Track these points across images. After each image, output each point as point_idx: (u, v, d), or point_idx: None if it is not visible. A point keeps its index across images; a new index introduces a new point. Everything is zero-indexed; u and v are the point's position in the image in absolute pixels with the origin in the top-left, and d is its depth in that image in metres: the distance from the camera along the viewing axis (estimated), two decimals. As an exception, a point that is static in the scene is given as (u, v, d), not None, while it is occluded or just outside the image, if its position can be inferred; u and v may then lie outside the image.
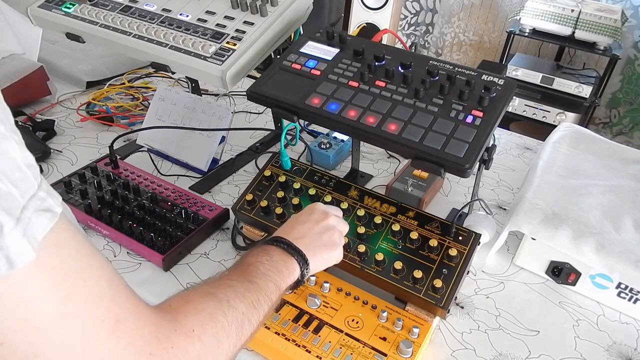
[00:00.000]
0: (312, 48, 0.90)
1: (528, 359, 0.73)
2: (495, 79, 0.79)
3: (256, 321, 0.53)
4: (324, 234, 0.67)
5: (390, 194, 0.98)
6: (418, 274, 0.72)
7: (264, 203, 0.84)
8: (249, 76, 1.08)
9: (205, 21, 0.97)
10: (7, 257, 0.32)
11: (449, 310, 0.72)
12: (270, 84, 0.85)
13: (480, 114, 0.75)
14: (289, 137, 1.15)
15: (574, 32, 2.46)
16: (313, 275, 0.77)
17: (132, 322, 0.39)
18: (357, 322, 0.71)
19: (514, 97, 2.56)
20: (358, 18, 3.15)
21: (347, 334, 0.70)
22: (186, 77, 1.26)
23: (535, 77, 2.58)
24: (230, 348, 0.48)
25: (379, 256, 0.74)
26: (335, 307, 0.73)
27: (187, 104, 1.09)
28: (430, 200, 1.01)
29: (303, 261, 0.63)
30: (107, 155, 1.04)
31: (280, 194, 0.85)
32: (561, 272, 0.84)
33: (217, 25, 0.96)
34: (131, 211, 0.90)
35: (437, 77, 0.80)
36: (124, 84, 1.39)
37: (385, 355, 0.67)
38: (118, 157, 1.04)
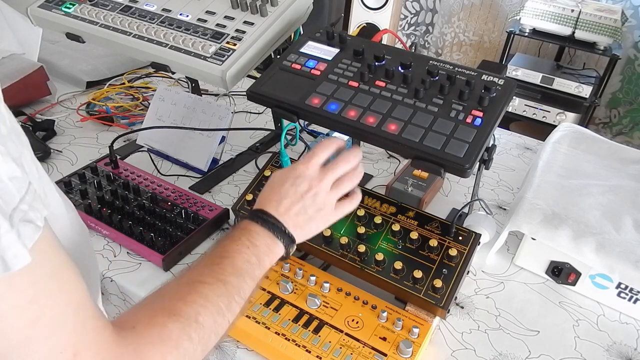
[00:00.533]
0: (312, 48, 0.90)
1: (528, 359, 0.73)
2: (495, 79, 0.79)
3: (224, 330, 0.51)
4: (311, 206, 0.60)
5: (390, 194, 0.98)
6: (418, 274, 0.72)
7: (264, 203, 0.84)
8: (249, 76, 1.08)
9: (205, 21, 0.97)
10: (2, 258, 0.31)
11: (449, 310, 0.72)
12: (270, 84, 0.85)
13: (480, 114, 0.75)
14: (289, 137, 1.15)
15: (574, 32, 2.46)
16: (313, 275, 0.77)
17: (92, 356, 0.38)
18: (357, 322, 0.71)
19: (514, 97, 2.56)
20: (358, 18, 3.15)
21: (347, 334, 0.70)
22: (186, 77, 1.26)
23: (535, 77, 2.58)
24: None
25: (379, 256, 0.74)
26: (335, 307, 0.73)
27: (187, 104, 1.09)
28: (430, 200, 1.01)
29: (289, 240, 0.59)
30: (107, 155, 1.04)
31: (280, 194, 0.85)
32: (561, 272, 0.84)
33: (217, 25, 0.96)
34: (131, 211, 0.90)
35: (437, 77, 0.80)
36: (124, 84, 1.39)
37: (385, 355, 0.67)
38: (118, 157, 1.04)
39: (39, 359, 0.35)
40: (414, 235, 0.76)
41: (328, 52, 0.88)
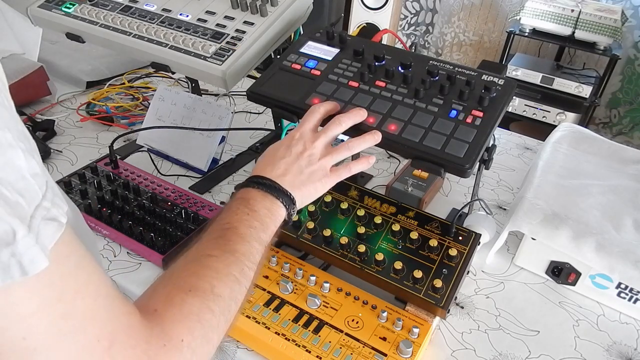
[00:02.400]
0: (312, 48, 0.90)
1: (528, 359, 0.73)
2: (495, 79, 0.79)
3: (242, 296, 0.51)
4: (307, 167, 0.61)
5: (390, 194, 0.98)
6: (418, 274, 0.72)
7: (264, 203, 0.84)
8: (249, 76, 1.08)
9: (205, 21, 0.97)
10: (20, 264, 0.31)
11: (449, 310, 0.72)
12: (270, 84, 0.85)
13: (480, 114, 0.75)
14: (289, 137, 1.14)
15: (574, 32, 2.46)
16: (313, 275, 0.77)
17: (126, 341, 0.38)
18: (357, 322, 0.71)
19: (514, 97, 2.56)
20: (358, 18, 3.15)
21: (347, 334, 0.70)
22: (186, 77, 1.26)
23: (535, 77, 2.58)
24: (219, 338, 0.47)
25: (379, 256, 0.74)
26: (335, 307, 0.73)
27: (187, 104, 1.09)
28: (430, 200, 1.01)
29: (289, 201, 0.59)
30: (107, 155, 1.04)
31: (280, 194, 0.85)
32: (561, 272, 0.84)
33: (217, 25, 0.96)
34: (131, 211, 0.90)
35: (437, 77, 0.80)
36: (124, 84, 1.39)
37: (385, 355, 0.67)
38: (118, 157, 1.04)
39: (76, 351, 0.35)
40: (414, 235, 0.76)
41: (328, 52, 0.88)
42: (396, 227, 0.78)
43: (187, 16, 0.99)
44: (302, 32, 1.01)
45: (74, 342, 0.35)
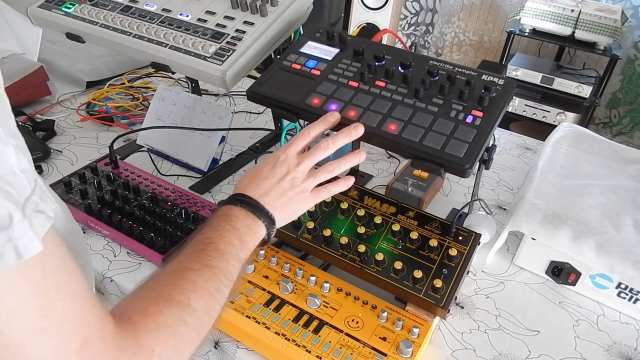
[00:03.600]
0: (312, 48, 0.90)
1: (528, 359, 0.73)
2: (495, 79, 0.79)
3: (216, 312, 0.52)
4: (290, 189, 0.63)
5: (390, 194, 0.98)
6: (418, 274, 0.72)
7: (264, 203, 0.84)
8: (249, 76, 1.08)
9: (205, 21, 0.97)
10: (15, 247, 0.32)
11: (449, 310, 0.72)
12: (270, 84, 0.85)
13: (480, 114, 0.75)
14: (289, 137, 1.14)
15: (574, 32, 2.46)
16: (313, 275, 0.77)
17: (97, 346, 0.39)
18: (357, 322, 0.71)
19: (514, 97, 2.56)
20: (358, 18, 3.15)
21: (347, 334, 0.70)
22: (186, 77, 1.26)
23: (535, 77, 2.58)
24: (190, 352, 0.48)
25: (379, 256, 0.74)
26: (335, 307, 0.73)
27: (187, 104, 1.09)
28: (430, 200, 1.01)
29: (269, 222, 0.60)
30: (107, 155, 1.04)
31: (280, 194, 0.85)
32: (561, 272, 0.84)
33: (217, 25, 0.96)
34: (131, 211, 0.90)
35: (437, 77, 0.80)
36: (124, 84, 1.39)
37: (385, 355, 0.67)
38: (118, 157, 1.04)
39: (48, 348, 0.36)
40: (414, 235, 0.76)
41: (328, 52, 0.88)
42: (396, 227, 0.78)
43: (187, 16, 0.99)
44: (302, 32, 1.01)
45: (46, 340, 0.36)
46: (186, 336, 0.47)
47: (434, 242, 0.75)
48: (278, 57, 0.91)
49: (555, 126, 1.15)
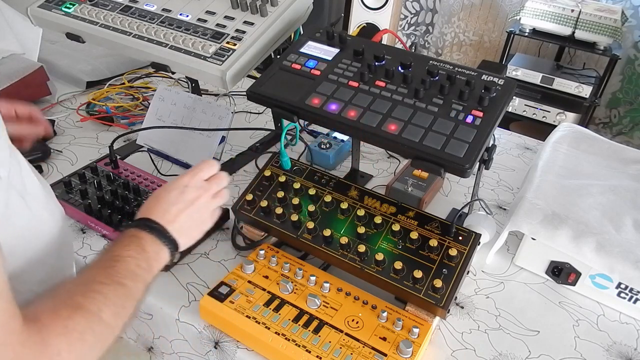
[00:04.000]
0: (312, 48, 0.90)
1: (528, 359, 0.73)
2: (495, 79, 0.79)
3: (119, 329, 0.52)
4: (196, 213, 0.65)
5: (390, 194, 0.98)
6: (418, 274, 0.72)
7: (264, 203, 0.84)
8: (249, 76, 1.08)
9: (205, 21, 0.97)
10: None
11: (449, 310, 0.72)
12: (270, 84, 0.85)
13: (480, 114, 0.75)
14: (289, 137, 1.14)
15: (574, 32, 2.46)
16: (313, 275, 0.77)
17: (0, 341, 0.39)
18: (357, 322, 0.71)
19: (514, 97, 2.56)
20: (358, 18, 3.15)
21: (347, 334, 0.70)
22: (186, 77, 1.26)
23: (535, 77, 2.58)
24: None
25: (379, 256, 0.74)
26: (335, 307, 0.73)
27: (187, 104, 1.09)
28: (430, 200, 1.01)
29: (174, 248, 0.62)
30: (107, 155, 1.04)
31: (280, 194, 0.85)
32: (561, 272, 0.84)
33: (217, 25, 0.96)
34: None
35: (437, 77, 0.80)
36: (124, 84, 1.39)
37: (385, 355, 0.67)
38: (118, 157, 1.04)
39: None
40: (414, 235, 0.76)
41: (328, 52, 0.88)
42: (396, 227, 0.78)
43: (187, 16, 0.99)
44: (302, 32, 1.01)
45: None
46: (92, 345, 0.48)
47: (434, 242, 0.75)
48: (278, 57, 0.91)
49: (555, 126, 1.15)
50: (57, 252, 0.60)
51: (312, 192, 0.84)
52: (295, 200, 0.83)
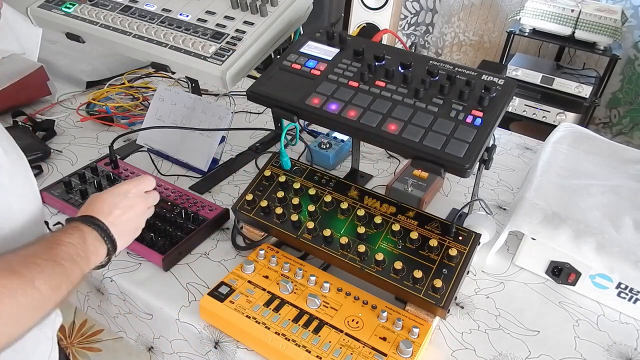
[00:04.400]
0: (312, 48, 0.90)
1: (528, 359, 0.73)
2: (495, 79, 0.79)
3: (51, 306, 0.53)
4: (133, 220, 0.67)
5: (390, 194, 0.98)
6: (418, 274, 0.72)
7: (264, 203, 0.84)
8: (249, 76, 1.08)
9: (205, 21, 0.97)
10: None
11: (449, 310, 0.72)
12: (270, 84, 0.85)
13: (480, 114, 0.75)
14: (289, 137, 1.15)
15: (574, 32, 2.46)
16: (313, 275, 0.77)
17: None
18: (357, 322, 0.71)
19: (514, 97, 2.56)
20: (358, 18, 3.15)
21: (347, 334, 0.70)
22: (186, 77, 1.26)
23: (535, 77, 2.58)
24: (17, 330, 0.49)
25: (379, 256, 0.74)
26: (335, 307, 0.73)
27: (187, 104, 1.09)
28: (430, 200, 1.01)
29: (113, 249, 0.63)
30: (107, 155, 1.04)
31: (280, 194, 0.85)
32: (561, 272, 0.84)
33: (217, 25, 0.96)
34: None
35: (437, 77, 0.80)
36: (124, 84, 1.39)
37: (385, 355, 0.67)
38: (118, 157, 1.04)
39: None
40: (414, 235, 0.76)
41: (328, 52, 0.88)
42: (396, 227, 0.78)
43: (187, 16, 0.99)
44: (302, 32, 1.01)
45: None
46: (23, 307, 0.48)
47: (434, 242, 0.75)
48: (278, 57, 0.91)
49: (555, 126, 1.15)
50: (30, 231, 0.61)
51: (312, 192, 0.85)
52: (295, 200, 0.83)
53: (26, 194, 0.62)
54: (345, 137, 1.14)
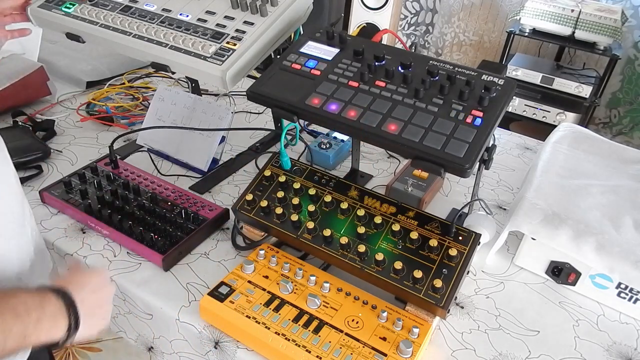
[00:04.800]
0: (312, 48, 0.90)
1: (528, 359, 0.73)
2: (495, 79, 0.79)
3: None
4: (101, 307, 0.65)
5: (390, 194, 0.98)
6: (418, 274, 0.72)
7: (264, 203, 0.84)
8: (249, 76, 1.08)
9: (205, 21, 0.97)
10: None
11: (449, 310, 0.72)
12: (270, 84, 0.85)
13: (480, 114, 0.75)
14: (289, 137, 1.14)
15: (574, 32, 2.46)
16: (313, 275, 0.77)
17: None
18: (357, 322, 0.71)
19: (514, 97, 2.56)
20: (358, 18, 3.15)
21: (347, 334, 0.70)
22: (186, 77, 1.26)
23: (535, 77, 2.58)
24: None
25: (379, 256, 0.74)
26: (335, 307, 0.73)
27: (187, 104, 1.09)
28: (430, 200, 1.01)
29: (74, 326, 0.59)
30: (107, 155, 1.04)
31: (280, 194, 0.85)
32: (561, 272, 0.84)
33: (217, 25, 0.96)
34: (131, 211, 0.90)
35: (437, 77, 0.80)
36: (124, 84, 1.39)
37: (385, 355, 0.67)
38: (118, 157, 1.04)
39: None
40: (414, 235, 0.76)
41: (328, 52, 0.88)
42: (396, 227, 0.78)
43: (187, 16, 0.99)
44: (302, 32, 1.01)
45: None
46: None
47: (434, 242, 0.75)
48: (278, 57, 0.91)
49: (555, 126, 1.15)
50: (29, 272, 0.61)
51: (312, 192, 0.85)
52: (295, 200, 0.83)
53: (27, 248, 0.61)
54: (345, 137, 1.14)
